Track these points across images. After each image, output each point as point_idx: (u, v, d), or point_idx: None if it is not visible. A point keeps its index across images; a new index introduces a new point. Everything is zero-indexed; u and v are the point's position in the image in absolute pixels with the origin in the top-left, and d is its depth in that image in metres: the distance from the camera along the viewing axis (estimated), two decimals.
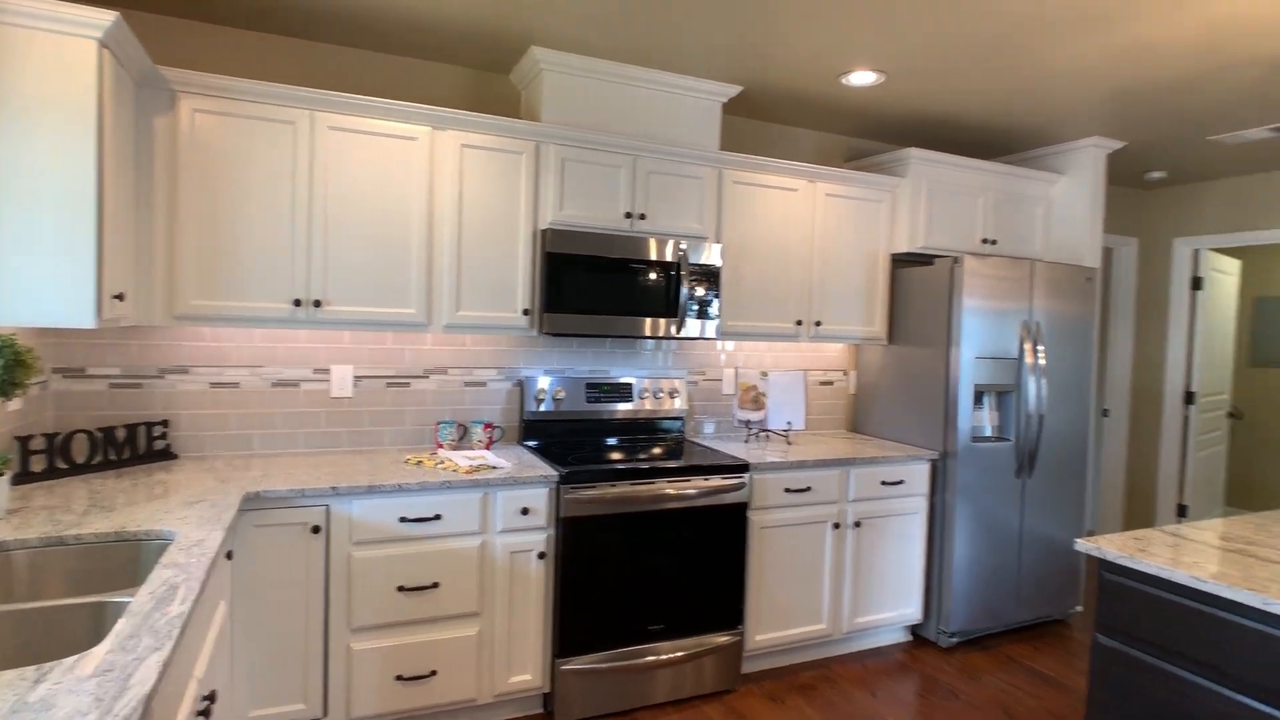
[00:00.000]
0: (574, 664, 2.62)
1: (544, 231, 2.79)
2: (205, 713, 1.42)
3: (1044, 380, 3.45)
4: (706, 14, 2.52)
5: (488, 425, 2.95)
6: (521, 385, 3.11)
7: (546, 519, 2.58)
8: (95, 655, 1.11)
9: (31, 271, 1.84)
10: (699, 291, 3.01)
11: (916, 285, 3.50)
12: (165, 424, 2.60)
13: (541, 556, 2.58)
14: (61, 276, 1.87)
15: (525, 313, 2.81)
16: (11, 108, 1.81)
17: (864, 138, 3.94)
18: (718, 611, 2.85)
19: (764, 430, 3.45)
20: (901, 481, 3.24)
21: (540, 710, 2.68)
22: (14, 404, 2.17)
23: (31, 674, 1.05)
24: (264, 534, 2.23)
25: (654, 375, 3.38)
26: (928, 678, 3.08)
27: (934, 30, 2.59)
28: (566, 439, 3.14)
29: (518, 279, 2.80)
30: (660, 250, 2.94)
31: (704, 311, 3.03)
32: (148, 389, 2.62)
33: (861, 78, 3.05)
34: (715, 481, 2.81)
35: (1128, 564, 1.90)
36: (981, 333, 3.33)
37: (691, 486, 2.77)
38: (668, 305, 2.96)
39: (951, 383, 3.30)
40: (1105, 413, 5.09)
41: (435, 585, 2.43)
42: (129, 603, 1.36)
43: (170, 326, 2.44)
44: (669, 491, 2.73)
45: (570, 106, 2.91)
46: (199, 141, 2.36)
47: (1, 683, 1.02)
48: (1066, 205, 3.94)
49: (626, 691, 2.71)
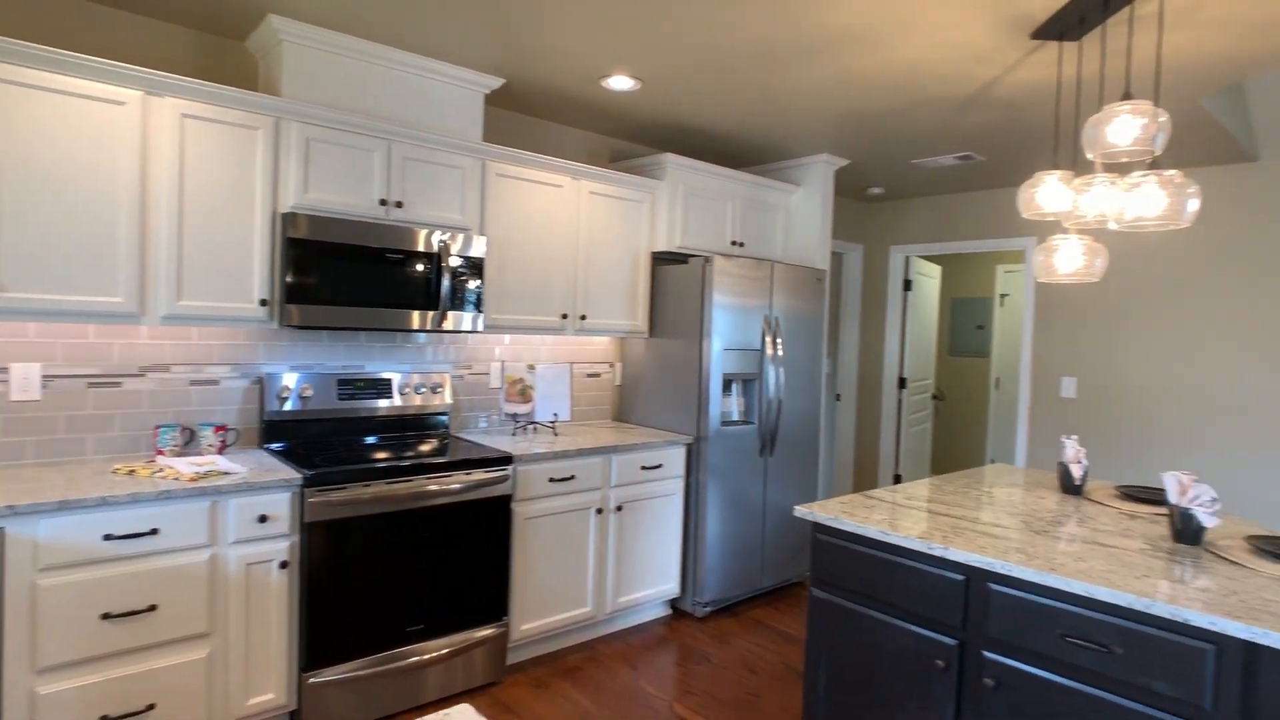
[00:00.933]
0: (325, 676, 2.47)
1: (286, 215, 2.58)
2: None
3: (782, 369, 3.85)
4: (463, 1, 2.48)
5: (219, 428, 2.68)
6: (262, 383, 2.86)
7: (289, 525, 2.40)
8: None
9: None
10: (462, 284, 2.97)
11: (674, 282, 3.73)
12: None
13: (284, 566, 2.39)
14: None
15: (264, 303, 2.58)
16: None
17: (628, 140, 4.12)
18: (482, 605, 2.84)
19: (532, 423, 3.49)
20: (660, 466, 3.45)
21: None
22: None
23: None
24: None
25: (417, 370, 3.27)
26: (684, 646, 3.31)
27: (682, 45, 2.78)
28: (318, 440, 2.94)
29: (254, 266, 2.57)
30: (419, 240, 2.85)
31: (468, 304, 2.99)
32: None
33: (620, 82, 3.19)
34: (478, 475, 2.79)
35: (833, 524, 2.18)
36: (730, 326, 3.63)
37: (454, 481, 2.72)
38: (428, 298, 2.88)
39: (704, 372, 3.57)
40: (838, 397, 5.80)
41: (152, 608, 2.16)
42: None
43: None
44: (430, 488, 2.67)
45: (316, 82, 2.72)
46: None
47: None
48: (802, 213, 4.42)
49: (389, 696, 2.60)
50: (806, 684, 2.25)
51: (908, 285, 5.69)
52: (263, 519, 2.34)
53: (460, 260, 2.96)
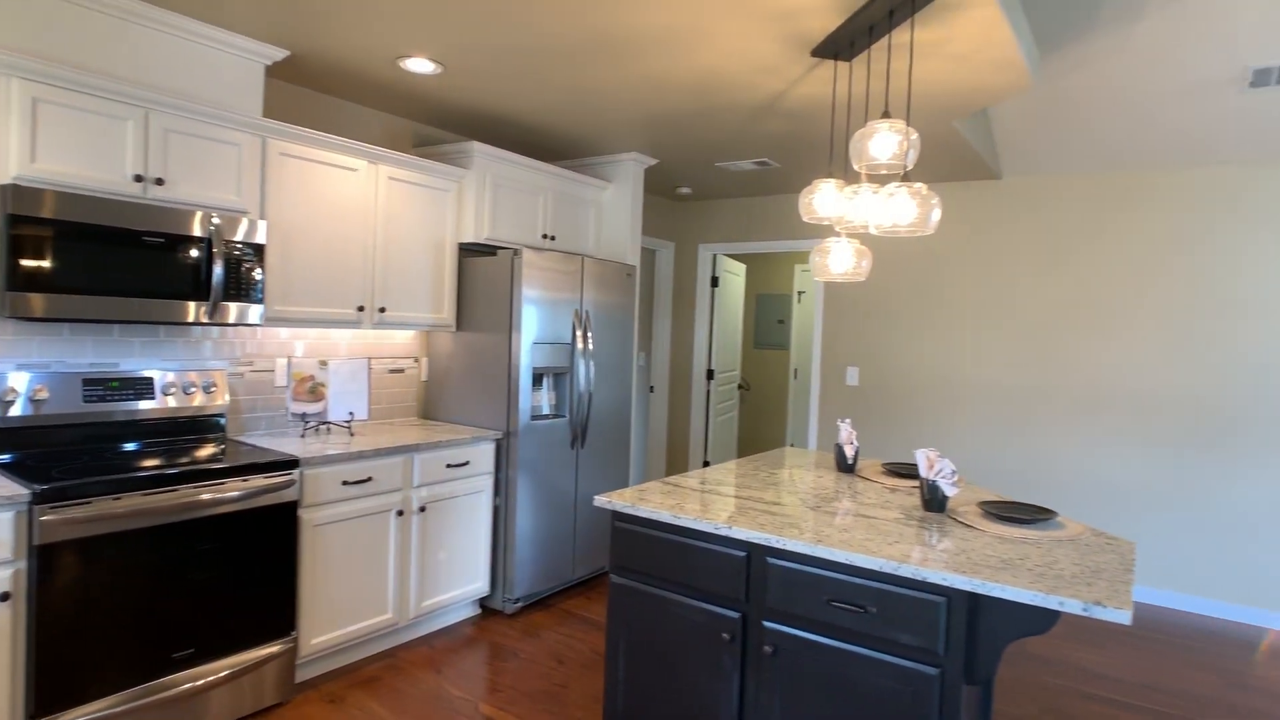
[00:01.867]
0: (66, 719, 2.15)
1: (7, 188, 2.21)
2: None
3: (592, 362, 3.90)
4: None
5: None
6: None
7: (13, 550, 2.06)
8: None
9: None
10: (239, 273, 2.70)
11: (482, 274, 3.65)
12: None
13: (5, 598, 2.05)
14: None
15: None
16: None
17: (434, 125, 3.97)
18: (266, 621, 2.62)
19: (324, 423, 3.27)
20: (467, 463, 3.37)
21: None
22: None
23: None
24: None
25: (187, 368, 2.94)
26: (494, 645, 3.26)
27: (482, 34, 2.71)
28: (60, 450, 2.55)
29: None
30: (186, 223, 2.55)
31: (246, 295, 2.73)
32: None
33: (419, 65, 3.05)
34: (257, 481, 2.56)
35: (629, 511, 2.24)
36: (540, 320, 3.62)
37: (229, 489, 2.48)
38: (198, 288, 2.59)
39: (513, 366, 3.53)
40: (651, 389, 5.99)
41: None
42: None
43: None
44: (202, 497, 2.40)
45: (47, 35, 2.35)
46: None
47: None
48: (614, 209, 4.50)
49: None
50: (607, 667, 2.30)
51: (715, 282, 5.99)
52: None
53: (237, 247, 2.69)
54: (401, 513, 3.09)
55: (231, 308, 2.68)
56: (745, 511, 2.20)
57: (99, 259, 2.35)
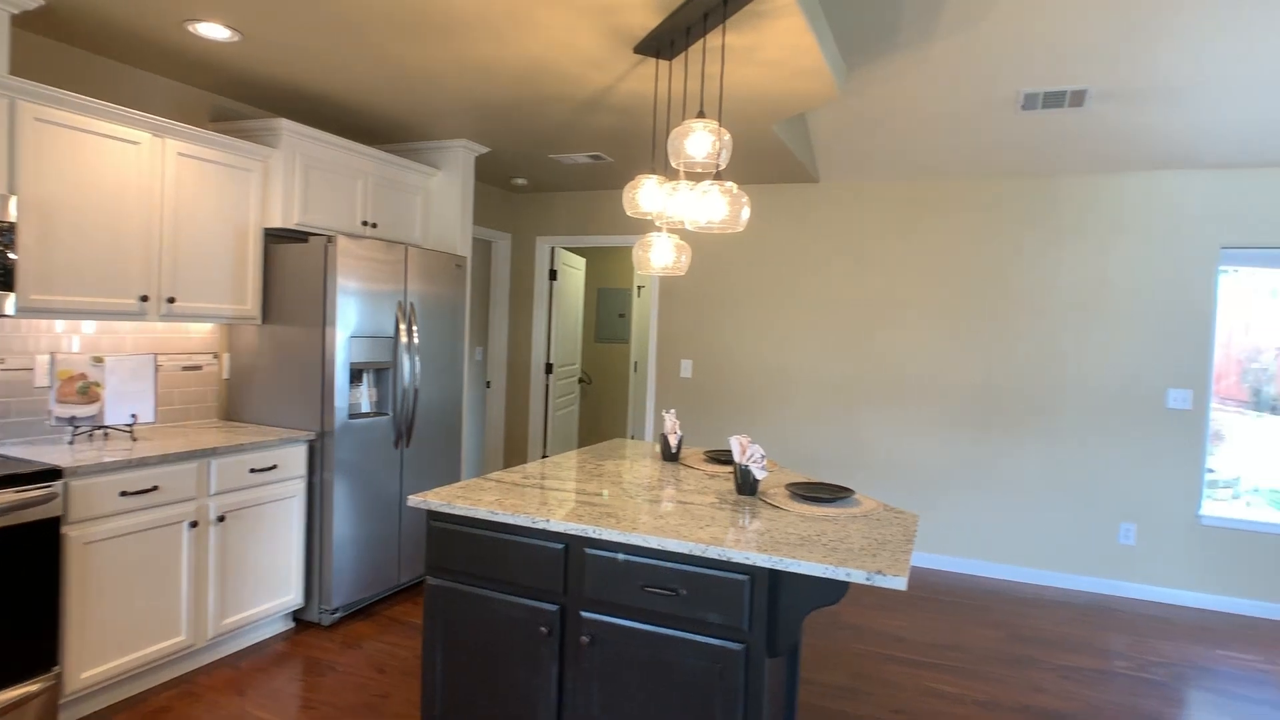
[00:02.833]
0: None
1: None
2: None
3: (418, 357, 3.74)
4: None
5: None
6: None
7: None
8: None
9: None
10: None
11: (292, 263, 3.39)
12: None
13: None
14: None
15: None
16: None
17: (237, 99, 3.63)
18: (19, 658, 2.27)
19: (100, 427, 2.89)
20: (274, 466, 3.11)
21: None
22: None
23: None
24: None
25: None
26: (308, 660, 3.04)
27: (282, 1, 2.50)
28: None
29: None
30: None
31: None
32: None
33: (213, 30, 2.77)
34: (6, 497, 2.21)
35: (445, 509, 2.16)
36: (359, 313, 3.41)
37: None
38: None
39: (328, 362, 3.31)
40: (488, 384, 5.86)
41: None
42: None
43: None
44: None
45: None
46: None
47: None
48: (443, 198, 4.34)
49: None
50: (424, 672, 2.22)
51: (553, 275, 5.96)
52: None
53: None
54: (196, 524, 2.80)
55: None
56: (566, 504, 2.19)
57: None
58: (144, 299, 2.88)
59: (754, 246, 5.21)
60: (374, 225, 3.88)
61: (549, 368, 5.95)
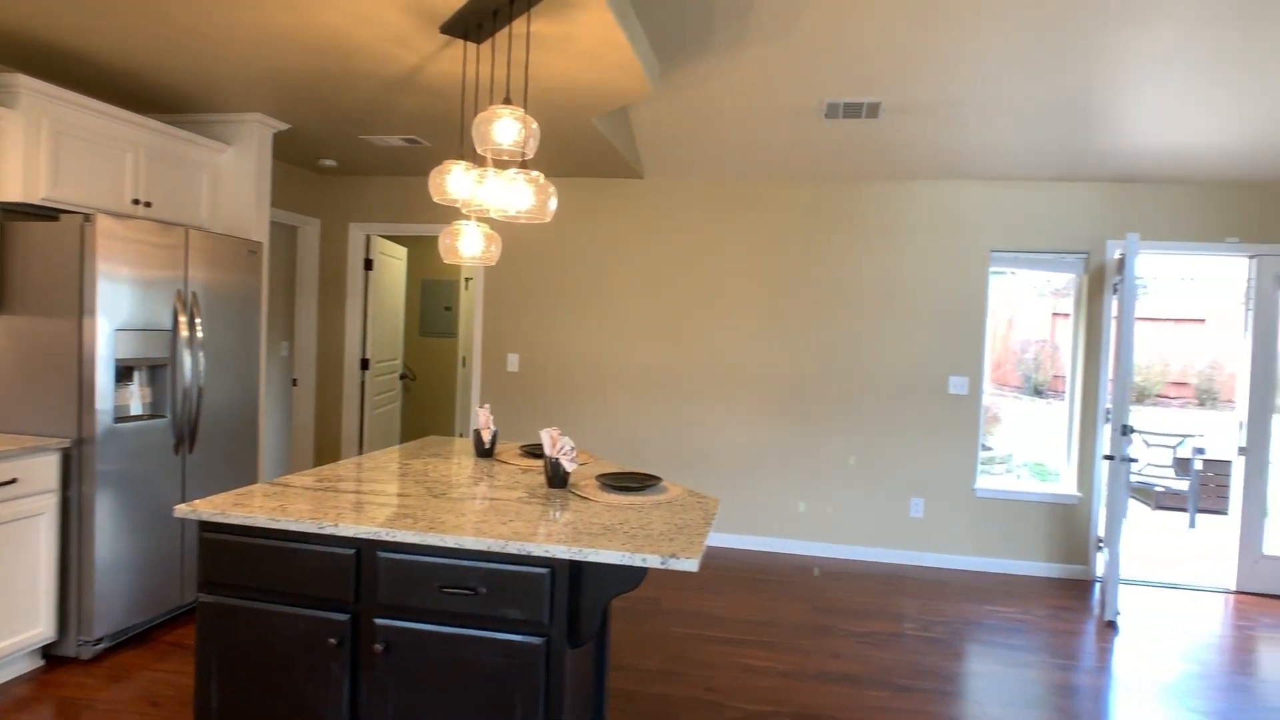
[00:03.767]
0: None
1: None
2: None
3: (202, 353, 3.37)
4: None
5: None
6: None
7: None
8: None
9: None
10: None
11: (36, 245, 2.92)
12: None
13: None
14: None
15: None
16: None
17: None
18: None
19: None
20: (14, 480, 2.67)
21: None
22: None
23: None
24: None
25: None
26: (61, 700, 2.64)
27: None
28: None
29: None
30: None
31: None
32: None
33: None
34: None
35: (219, 519, 1.95)
36: (127, 303, 3.01)
37: None
38: None
39: (87, 358, 2.89)
40: (295, 382, 5.43)
41: None
42: None
43: None
44: None
45: None
46: None
47: None
48: (235, 177, 3.94)
49: None
50: (196, 700, 1.99)
51: (369, 264, 5.62)
52: None
53: None
54: None
55: None
56: (360, 507, 2.05)
57: None
58: None
59: (580, 241, 5.21)
60: (148, 204, 3.44)
61: (365, 363, 5.61)
